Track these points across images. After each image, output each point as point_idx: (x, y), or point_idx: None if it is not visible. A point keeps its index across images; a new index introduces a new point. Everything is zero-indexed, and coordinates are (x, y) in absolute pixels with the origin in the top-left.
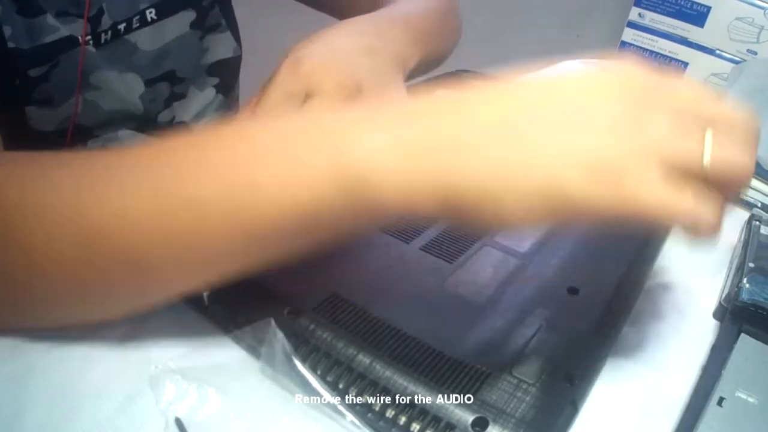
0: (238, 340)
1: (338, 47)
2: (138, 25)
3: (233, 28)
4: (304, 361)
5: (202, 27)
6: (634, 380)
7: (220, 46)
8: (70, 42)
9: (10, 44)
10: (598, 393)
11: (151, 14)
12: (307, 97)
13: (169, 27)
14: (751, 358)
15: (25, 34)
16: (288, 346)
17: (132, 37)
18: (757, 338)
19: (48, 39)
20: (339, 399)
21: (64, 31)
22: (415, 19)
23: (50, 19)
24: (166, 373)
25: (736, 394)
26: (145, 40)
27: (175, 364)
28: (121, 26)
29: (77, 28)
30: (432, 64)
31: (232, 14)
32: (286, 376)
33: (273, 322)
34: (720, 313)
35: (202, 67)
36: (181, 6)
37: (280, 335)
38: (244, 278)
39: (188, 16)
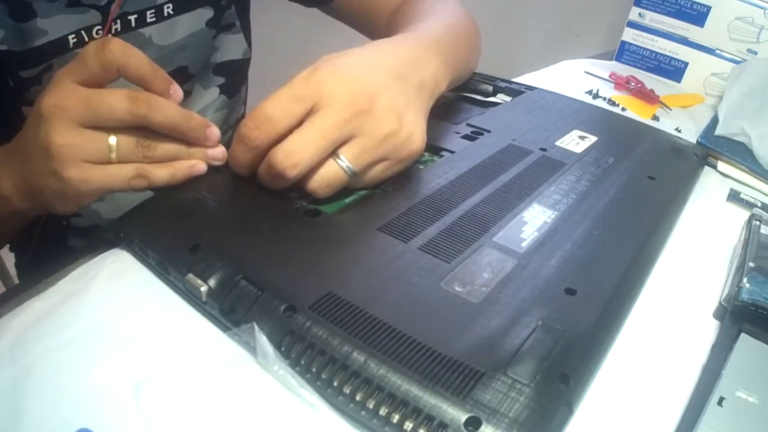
0: (236, 339)
1: (363, 63)
2: (153, 19)
3: (246, 30)
4: (298, 359)
5: (217, 26)
6: (633, 380)
7: (230, 47)
8: (62, 44)
9: (2, 47)
10: (597, 394)
11: (168, 9)
12: (315, 105)
13: (184, 23)
14: (751, 358)
15: (17, 37)
16: (271, 349)
17: (146, 30)
18: (757, 338)
19: (37, 42)
20: (334, 397)
21: (53, 34)
22: (446, 40)
23: (40, 22)
24: (148, 378)
25: (736, 394)
26: (160, 34)
27: (158, 370)
28: (132, 17)
29: (85, 20)
30: (457, 83)
31: (247, 17)
32: (273, 376)
33: (255, 326)
34: (720, 313)
35: (209, 66)
36: (199, 3)
37: (263, 339)
38: (241, 275)
39: (206, 13)
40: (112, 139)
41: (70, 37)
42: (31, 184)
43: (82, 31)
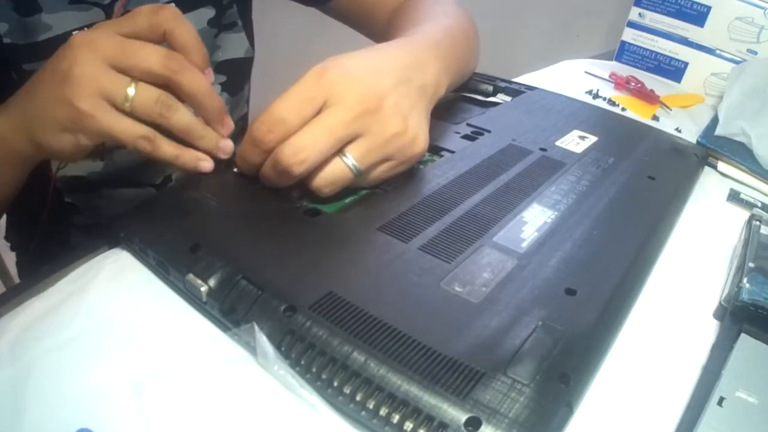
0: (236, 339)
1: (369, 66)
2: None
3: (248, 29)
4: (298, 359)
5: (219, 25)
6: (633, 380)
7: (232, 46)
8: (65, 41)
9: (6, 40)
10: (597, 394)
11: None
12: (324, 105)
13: None
14: (751, 358)
15: (21, 31)
16: (271, 349)
17: None
18: (757, 338)
19: (41, 37)
20: (334, 397)
21: (57, 29)
22: (446, 43)
23: (44, 17)
24: (148, 378)
25: (736, 394)
26: None
27: (158, 370)
28: None
29: (88, 18)
30: (456, 85)
31: (249, 16)
32: (273, 376)
33: (255, 326)
34: (720, 313)
35: (210, 64)
36: (201, 3)
37: (263, 339)
38: (241, 275)
39: (207, 13)
40: (131, 90)
41: (74, 33)
42: (32, 116)
43: (86, 28)
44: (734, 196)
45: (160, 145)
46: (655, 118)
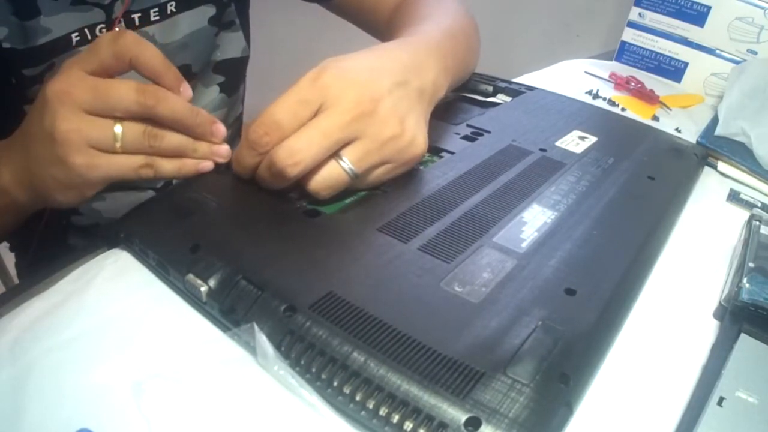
0: (236, 339)
1: (367, 67)
2: (157, 18)
3: (245, 27)
4: (298, 359)
5: (219, 23)
6: (633, 380)
7: (230, 45)
8: (65, 43)
9: (6, 44)
10: (597, 394)
11: (171, 7)
12: (320, 108)
13: (187, 20)
14: (751, 358)
15: (20, 35)
16: (271, 349)
17: (150, 29)
18: (757, 338)
19: (41, 41)
20: (334, 397)
21: (56, 32)
22: (446, 44)
23: (43, 20)
24: (148, 378)
25: (736, 394)
26: (163, 32)
27: (158, 370)
28: (136, 16)
29: (89, 19)
30: (456, 86)
31: (247, 15)
32: (273, 376)
33: (255, 326)
34: (720, 313)
35: (210, 64)
36: (202, 0)
37: (263, 339)
38: (241, 275)
39: (208, 11)
40: (118, 128)
41: (73, 35)
42: (33, 174)
43: (86, 30)
44: (734, 196)
45: (161, 166)
46: (655, 118)
